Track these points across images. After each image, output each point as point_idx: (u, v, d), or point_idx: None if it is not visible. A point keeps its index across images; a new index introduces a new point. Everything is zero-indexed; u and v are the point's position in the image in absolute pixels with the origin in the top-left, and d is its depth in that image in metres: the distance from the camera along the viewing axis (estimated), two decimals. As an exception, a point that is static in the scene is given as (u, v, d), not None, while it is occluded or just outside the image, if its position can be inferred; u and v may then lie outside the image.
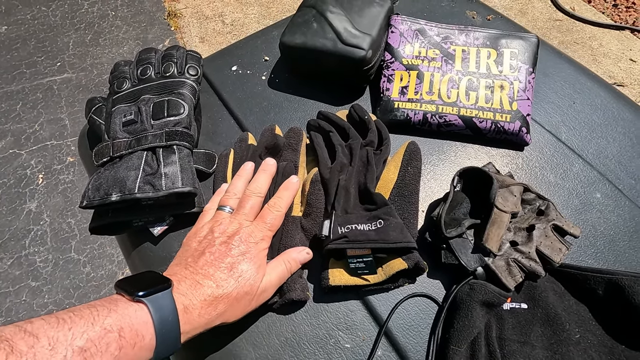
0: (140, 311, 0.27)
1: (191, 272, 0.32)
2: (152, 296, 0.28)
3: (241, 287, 0.32)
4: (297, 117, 0.51)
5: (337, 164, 0.41)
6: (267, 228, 0.37)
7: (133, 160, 0.40)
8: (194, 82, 0.48)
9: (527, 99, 0.46)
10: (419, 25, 0.51)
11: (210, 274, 0.32)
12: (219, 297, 0.31)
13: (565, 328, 0.36)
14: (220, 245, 0.34)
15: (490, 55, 0.48)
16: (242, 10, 1.98)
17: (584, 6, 1.88)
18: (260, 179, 0.40)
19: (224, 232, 0.35)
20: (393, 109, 0.47)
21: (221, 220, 0.37)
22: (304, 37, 0.48)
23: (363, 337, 0.37)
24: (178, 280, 0.31)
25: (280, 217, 0.38)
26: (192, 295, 0.30)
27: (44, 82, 1.72)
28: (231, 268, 0.33)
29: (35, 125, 1.58)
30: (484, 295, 0.35)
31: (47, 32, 1.90)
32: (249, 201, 0.38)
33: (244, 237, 0.35)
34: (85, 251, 1.30)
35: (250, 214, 0.38)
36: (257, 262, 0.34)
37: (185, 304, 0.29)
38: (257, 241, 0.35)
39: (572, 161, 0.46)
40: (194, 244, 0.35)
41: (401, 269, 0.36)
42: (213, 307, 0.31)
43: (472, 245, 0.37)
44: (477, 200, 0.40)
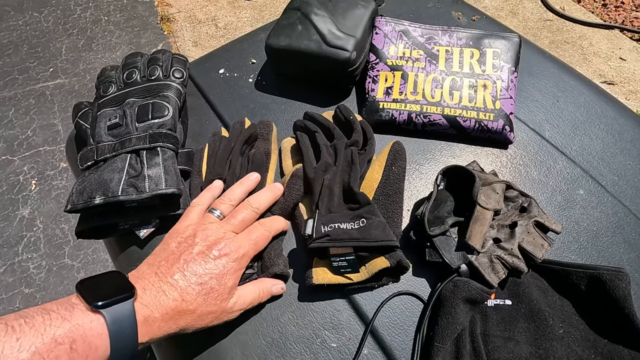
0: (96, 322, 0.26)
1: (159, 279, 0.31)
2: (111, 307, 0.27)
3: (207, 305, 0.31)
4: (283, 118, 0.51)
5: (322, 163, 0.42)
6: (250, 245, 0.35)
7: (117, 163, 0.40)
8: (180, 84, 0.48)
9: (509, 97, 0.47)
10: (403, 26, 0.51)
11: (178, 286, 0.31)
12: (182, 312, 0.30)
13: (549, 323, 0.36)
14: (197, 254, 0.32)
15: (473, 55, 0.48)
16: (235, 14, 1.99)
17: (573, 6, 1.90)
18: (263, 195, 0.39)
19: (206, 238, 0.34)
20: (378, 110, 0.47)
21: (207, 224, 0.35)
22: (289, 39, 0.48)
23: (349, 336, 0.37)
24: (143, 288, 0.30)
25: (267, 237, 0.37)
26: (155, 307, 0.29)
27: (37, 87, 1.71)
28: (202, 284, 0.31)
29: (28, 131, 1.57)
30: (467, 292, 0.35)
31: (40, 38, 1.90)
32: (243, 212, 0.37)
33: (223, 250, 0.33)
34: (79, 257, 1.30)
35: (238, 226, 0.36)
36: (229, 282, 0.33)
37: (146, 315, 0.28)
38: (235, 258, 0.34)
39: (556, 158, 0.47)
40: (172, 245, 0.34)
41: (384, 267, 0.36)
42: (174, 321, 0.30)
43: (456, 242, 0.38)
44: (461, 198, 0.40)
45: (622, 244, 0.41)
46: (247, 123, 0.48)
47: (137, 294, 0.29)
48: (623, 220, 0.43)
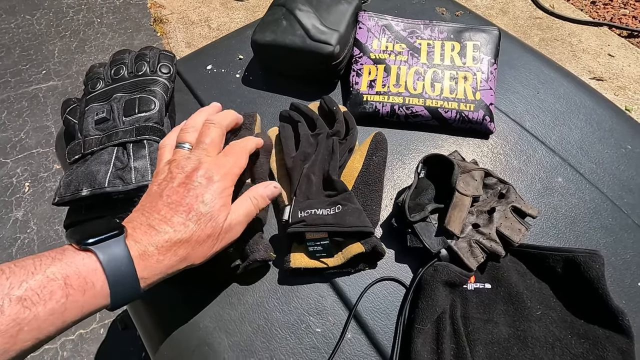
0: (88, 259, 0.26)
1: (147, 217, 0.30)
2: (101, 244, 0.27)
3: (202, 230, 0.30)
4: (270, 112, 0.52)
5: (300, 153, 0.43)
6: (231, 163, 0.34)
7: (104, 156, 0.41)
8: (166, 80, 0.49)
9: (489, 88, 0.48)
10: (386, 21, 0.52)
11: (167, 218, 0.30)
12: (177, 242, 0.29)
13: (527, 305, 0.37)
14: (178, 186, 0.31)
15: (454, 48, 0.50)
16: (228, 14, 2.00)
17: (562, 4, 1.93)
18: (223, 113, 0.38)
19: (182, 169, 0.32)
20: (362, 102, 0.48)
21: (179, 158, 0.34)
22: (274, 34, 0.49)
23: (333, 321, 0.38)
24: (133, 227, 0.30)
25: (245, 154, 0.35)
26: (148, 241, 0.29)
27: (29, 90, 1.71)
28: (189, 210, 0.30)
29: (21, 134, 1.57)
30: (446, 276, 0.36)
31: (32, 41, 1.90)
32: (208, 134, 0.35)
33: (203, 174, 0.32)
34: (73, 258, 1.30)
35: (210, 149, 0.34)
36: (218, 201, 0.32)
37: (141, 250, 0.28)
38: (219, 179, 0.32)
39: (536, 148, 0.48)
40: (153, 188, 0.33)
41: (359, 252, 0.37)
42: (172, 252, 0.29)
43: (436, 228, 0.39)
44: (441, 186, 0.41)
45: (599, 229, 0.42)
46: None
47: (127, 232, 0.29)
48: (600, 206, 0.44)
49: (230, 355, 0.36)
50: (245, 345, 0.37)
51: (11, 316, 0.23)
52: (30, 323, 0.23)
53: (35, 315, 0.23)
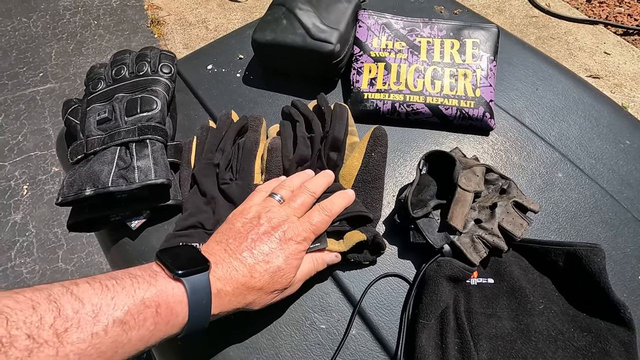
0: (178, 289, 0.28)
1: (229, 255, 0.32)
2: (190, 277, 0.28)
3: (274, 282, 0.32)
4: (271, 111, 0.52)
5: (296, 155, 0.43)
6: (311, 229, 0.35)
7: (107, 156, 0.41)
8: (168, 79, 0.49)
9: (489, 85, 0.48)
10: (385, 19, 0.53)
11: (247, 263, 0.32)
12: (250, 288, 0.31)
13: (530, 300, 0.37)
14: (263, 234, 0.33)
15: (453, 45, 0.50)
16: (225, 15, 2.00)
17: (558, 2, 1.94)
18: (318, 180, 0.40)
19: (270, 219, 0.35)
20: (363, 100, 0.49)
21: (270, 207, 0.36)
22: (274, 33, 0.49)
23: (337, 317, 0.38)
24: (215, 262, 0.31)
25: (327, 221, 0.37)
26: (227, 281, 0.30)
27: (27, 93, 1.71)
28: (268, 261, 0.32)
29: (19, 137, 1.57)
30: (450, 271, 0.36)
31: (29, 43, 1.90)
32: (301, 196, 0.37)
33: (288, 232, 0.34)
34: (73, 260, 1.29)
35: (299, 210, 0.37)
36: (294, 261, 0.34)
37: (219, 288, 0.30)
38: (299, 241, 0.34)
39: (535, 144, 0.48)
40: (238, 224, 0.34)
41: (361, 240, 0.37)
42: (243, 296, 0.31)
43: (439, 224, 0.39)
44: (443, 182, 0.42)
45: (599, 224, 0.43)
46: (234, 115, 0.49)
47: (210, 266, 0.30)
48: (600, 201, 0.44)
49: (235, 353, 0.36)
50: (250, 343, 0.37)
51: (112, 338, 0.24)
52: (124, 346, 0.25)
53: (129, 340, 0.25)
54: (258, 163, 0.44)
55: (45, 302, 0.23)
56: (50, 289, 0.24)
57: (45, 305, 0.23)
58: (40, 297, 0.23)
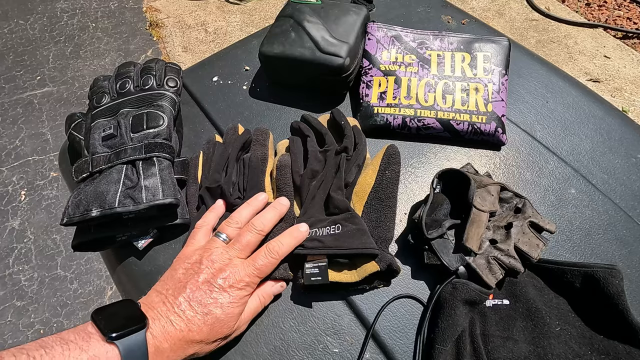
0: (112, 352, 0.27)
1: (167, 308, 0.32)
2: (125, 338, 0.28)
3: (214, 333, 0.32)
4: (278, 125, 0.51)
5: (308, 171, 0.42)
6: (255, 273, 0.35)
7: (113, 175, 0.40)
8: (174, 93, 0.48)
9: (501, 100, 0.47)
10: (395, 31, 0.52)
11: (185, 317, 0.32)
12: (189, 341, 0.31)
13: (546, 321, 0.37)
14: (202, 283, 0.33)
15: (464, 59, 0.49)
16: (224, 18, 1.99)
17: (558, 6, 1.94)
18: (267, 215, 0.38)
19: (212, 264, 0.34)
20: (373, 114, 0.48)
21: (213, 249, 0.35)
22: (282, 46, 0.49)
23: (351, 341, 0.37)
24: (153, 318, 0.31)
25: (273, 264, 0.36)
26: (163, 337, 0.30)
27: (24, 96, 1.69)
28: (207, 313, 0.32)
29: (16, 141, 1.55)
30: (466, 294, 0.35)
31: (26, 46, 1.87)
32: (246, 236, 0.36)
33: (229, 279, 0.34)
34: (72, 267, 1.28)
35: (243, 250, 0.36)
36: (235, 309, 0.33)
37: (156, 345, 0.30)
38: (241, 287, 0.34)
39: (547, 159, 0.48)
40: (179, 272, 0.34)
41: (374, 271, 0.37)
42: (182, 350, 0.31)
43: (453, 245, 0.38)
44: (456, 201, 0.41)
45: (614, 241, 0.42)
46: (240, 129, 0.48)
47: (148, 324, 0.30)
48: (614, 218, 0.44)
49: (247, 379, 0.36)
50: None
51: None
52: None
53: None
54: (268, 180, 0.43)
55: None
56: None
57: None
58: None
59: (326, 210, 0.40)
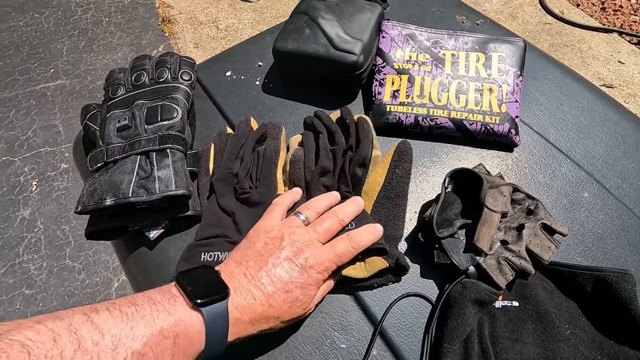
0: (196, 319, 0.28)
1: (249, 280, 0.31)
2: (209, 307, 0.28)
3: (291, 312, 0.32)
4: (290, 121, 0.52)
5: (318, 168, 0.42)
6: (334, 259, 0.34)
7: (127, 165, 0.41)
8: (188, 87, 0.49)
9: (515, 101, 0.47)
10: (410, 30, 0.52)
11: (266, 291, 0.31)
12: (267, 317, 0.31)
13: (556, 325, 0.36)
14: (284, 259, 0.32)
15: (479, 59, 0.49)
16: (236, 15, 1.99)
17: (572, 9, 1.92)
18: (348, 206, 0.38)
19: (293, 242, 0.33)
20: (385, 112, 0.48)
21: (294, 228, 0.35)
22: (297, 42, 0.49)
23: (358, 337, 0.37)
24: (235, 288, 0.31)
25: (352, 254, 0.35)
26: (244, 310, 0.30)
27: (38, 88, 1.71)
28: (288, 290, 0.31)
29: (29, 132, 1.57)
30: (476, 294, 0.35)
31: (40, 39, 1.90)
32: (328, 221, 0.36)
33: (310, 259, 0.33)
34: (80, 258, 1.29)
35: (323, 235, 0.35)
36: (313, 292, 0.33)
37: (236, 317, 0.30)
38: (320, 270, 0.33)
39: (561, 162, 0.47)
40: (259, 244, 0.34)
41: (383, 267, 0.37)
42: (259, 324, 0.31)
43: (464, 244, 0.38)
44: (468, 201, 0.41)
45: (626, 246, 0.42)
46: (253, 122, 0.49)
47: (230, 293, 0.30)
48: (627, 223, 0.43)
49: (254, 371, 0.36)
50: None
51: None
52: None
53: None
54: (279, 172, 0.44)
55: (66, 333, 0.23)
56: (71, 318, 0.24)
57: (65, 337, 0.22)
58: (61, 328, 0.23)
59: None
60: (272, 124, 0.47)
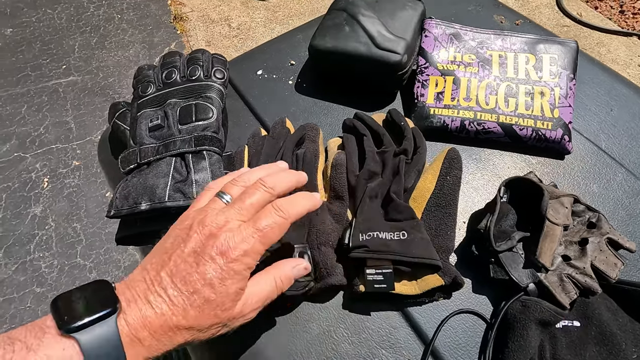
0: (71, 349, 0.22)
1: (147, 287, 0.25)
2: (87, 329, 0.22)
3: (204, 318, 0.25)
4: (327, 122, 0.49)
5: (365, 171, 0.40)
6: (257, 239, 0.27)
7: (162, 167, 0.39)
8: (221, 85, 0.46)
9: (568, 105, 0.44)
10: (454, 29, 0.49)
11: (167, 296, 0.25)
12: (174, 328, 0.25)
13: (622, 348, 0.34)
14: (189, 254, 0.26)
15: (528, 60, 0.46)
16: (248, 14, 1.97)
17: (590, 12, 1.88)
18: (281, 175, 0.31)
19: (202, 229, 0.27)
20: (429, 115, 0.45)
21: (209, 210, 0.28)
22: (336, 40, 0.46)
23: (408, 356, 0.35)
24: (129, 300, 0.25)
25: (281, 227, 0.28)
26: (141, 324, 0.24)
27: (49, 84, 1.70)
28: (194, 292, 0.25)
29: (41, 128, 1.56)
30: (540, 314, 0.33)
31: (53, 35, 1.89)
32: (254, 195, 0.28)
33: (221, 247, 0.26)
34: (91, 257, 1.28)
35: (246, 212, 0.28)
36: (230, 288, 0.26)
37: (132, 335, 0.24)
38: (237, 256, 0.26)
39: (615, 171, 0.45)
40: (169, 240, 0.28)
41: (437, 285, 0.35)
42: (167, 338, 0.25)
43: (523, 259, 0.36)
44: (522, 211, 0.38)
45: (691, 263, 0.39)
46: (288, 123, 0.47)
47: (121, 309, 0.24)
48: (690, 238, 0.40)
49: (298, 391, 0.34)
50: (312, 379, 0.34)
51: None
52: None
53: None
54: (320, 177, 0.41)
55: None
56: None
57: None
58: None
59: (385, 215, 0.38)
60: (309, 126, 0.45)
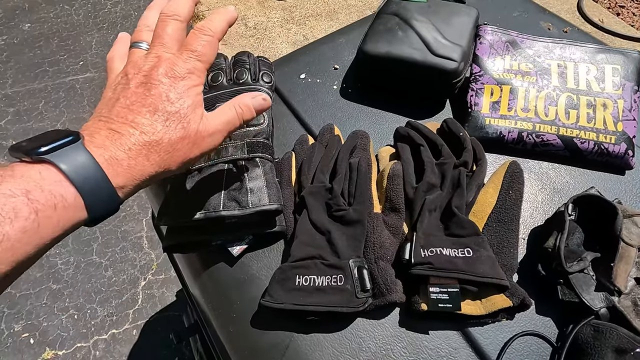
0: (47, 171, 0.22)
1: (105, 122, 0.26)
2: (56, 152, 0.23)
3: (172, 131, 0.27)
4: (375, 130, 0.48)
5: (424, 183, 0.38)
6: (195, 57, 0.28)
7: (214, 174, 0.37)
8: (269, 89, 0.45)
9: (633, 119, 0.43)
10: (510, 36, 0.48)
11: (129, 121, 0.26)
12: (147, 145, 0.26)
13: (700, 377, 0.32)
14: (137, 87, 0.27)
15: (589, 70, 0.45)
16: (265, 14, 1.97)
17: (612, 18, 1.86)
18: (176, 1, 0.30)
19: (139, 70, 0.28)
20: (484, 126, 0.44)
21: (135, 58, 0.29)
22: (389, 46, 0.45)
23: (471, 379, 0.33)
24: (90, 133, 0.25)
25: (212, 44, 0.29)
26: (112, 146, 0.25)
27: (67, 80, 1.70)
28: (155, 110, 0.26)
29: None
30: (617, 341, 0.31)
31: (70, 31, 1.89)
32: (166, 27, 0.29)
33: (164, 70, 0.27)
34: (107, 254, 1.27)
35: (170, 44, 0.29)
36: (187, 100, 0.28)
37: (107, 156, 0.24)
38: (184, 75, 0.28)
39: (679, 188, 0.43)
40: (108, 94, 0.28)
41: (505, 306, 0.33)
42: (143, 156, 0.26)
43: (595, 281, 0.34)
44: (588, 230, 0.37)
45: None
46: (337, 130, 0.45)
47: (84, 138, 0.24)
48: None
49: (357, 413, 0.32)
50: (371, 400, 0.33)
51: None
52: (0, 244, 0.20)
53: (5, 235, 0.20)
54: (374, 188, 0.40)
55: None
56: None
57: None
58: None
59: (446, 229, 0.36)
60: (360, 133, 0.43)
